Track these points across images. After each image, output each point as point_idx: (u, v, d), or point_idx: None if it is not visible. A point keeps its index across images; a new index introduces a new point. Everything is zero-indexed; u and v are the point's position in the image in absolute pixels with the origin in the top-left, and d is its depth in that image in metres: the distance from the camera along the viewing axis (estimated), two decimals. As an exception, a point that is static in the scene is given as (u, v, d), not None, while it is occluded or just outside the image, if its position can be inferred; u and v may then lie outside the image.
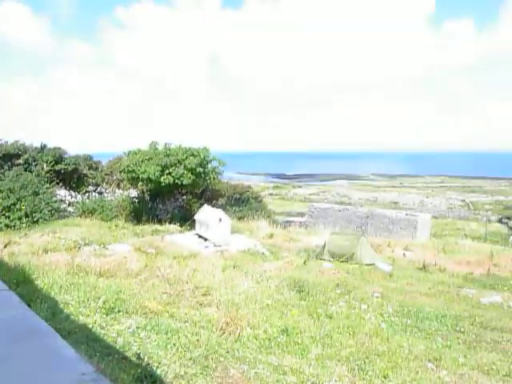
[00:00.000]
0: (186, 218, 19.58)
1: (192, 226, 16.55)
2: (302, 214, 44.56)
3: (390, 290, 9.31)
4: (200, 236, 14.66)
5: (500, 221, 52.09)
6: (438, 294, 9.30)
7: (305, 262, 11.80)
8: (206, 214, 14.33)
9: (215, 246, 13.48)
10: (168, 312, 6.02)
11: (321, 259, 14.83)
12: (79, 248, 11.46)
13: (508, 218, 51.67)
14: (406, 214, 29.66)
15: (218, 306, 6.19)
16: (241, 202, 26.53)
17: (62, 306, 5.92)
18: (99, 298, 5.98)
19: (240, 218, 24.66)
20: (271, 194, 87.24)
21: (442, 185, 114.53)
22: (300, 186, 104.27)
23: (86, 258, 10.35)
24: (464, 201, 79.79)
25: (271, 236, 18.82)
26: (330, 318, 6.20)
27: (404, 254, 16.11)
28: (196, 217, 15.26)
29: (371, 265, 14.00)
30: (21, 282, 6.87)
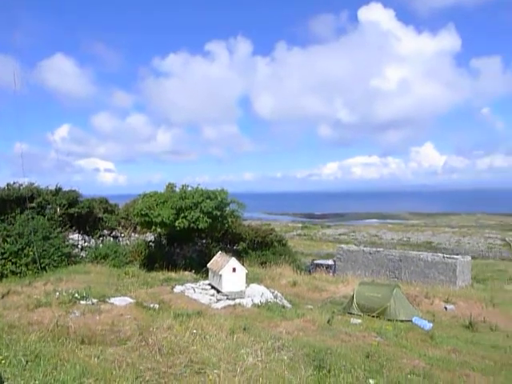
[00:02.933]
0: (203, 264, 18.31)
1: (208, 273, 15.25)
2: (330, 255, 42.30)
3: (434, 361, 7.53)
4: (213, 286, 13.28)
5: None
6: (496, 370, 7.43)
7: (329, 321, 10.13)
8: (219, 263, 13.00)
9: (228, 299, 12.03)
10: (143, 405, 4.63)
11: (348, 313, 13.09)
12: (75, 302, 10.29)
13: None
14: (444, 257, 27.08)
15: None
16: (263, 246, 25.02)
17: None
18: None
19: (262, 263, 23.05)
20: (299, 235, 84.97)
21: (478, 223, 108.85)
22: (329, 226, 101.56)
23: (77, 316, 9.20)
24: (505, 240, 74.82)
25: (294, 284, 17.17)
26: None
27: (445, 308, 14.08)
28: (209, 265, 13.97)
29: (407, 321, 12.14)
30: (-23, 356, 5.71)
